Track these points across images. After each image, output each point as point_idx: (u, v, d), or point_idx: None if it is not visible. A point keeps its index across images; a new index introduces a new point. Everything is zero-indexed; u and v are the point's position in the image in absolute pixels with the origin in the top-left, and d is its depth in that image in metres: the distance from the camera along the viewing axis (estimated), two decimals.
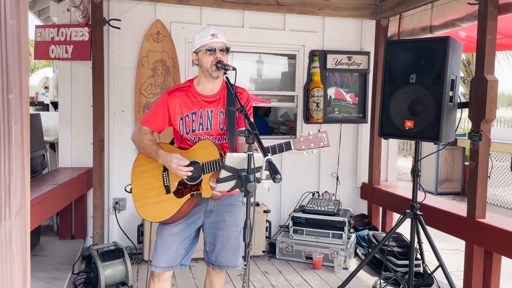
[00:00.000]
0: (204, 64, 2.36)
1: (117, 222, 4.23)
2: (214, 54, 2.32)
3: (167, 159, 2.28)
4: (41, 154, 4.03)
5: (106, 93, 4.18)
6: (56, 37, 4.09)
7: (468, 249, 3.42)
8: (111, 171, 4.28)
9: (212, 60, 2.33)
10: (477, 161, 3.31)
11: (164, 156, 2.30)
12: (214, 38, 2.33)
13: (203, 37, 2.35)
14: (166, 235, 2.43)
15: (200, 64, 2.39)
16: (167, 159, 2.28)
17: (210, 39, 2.32)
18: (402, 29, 4.42)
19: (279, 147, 2.17)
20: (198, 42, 2.36)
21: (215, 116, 2.42)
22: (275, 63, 5.12)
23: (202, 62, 2.36)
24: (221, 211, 2.47)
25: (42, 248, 3.93)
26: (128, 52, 4.26)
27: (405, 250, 3.89)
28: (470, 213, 3.38)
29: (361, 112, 4.91)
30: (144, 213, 2.41)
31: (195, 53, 2.40)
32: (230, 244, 2.48)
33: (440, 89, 3.15)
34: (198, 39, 2.37)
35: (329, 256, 4.11)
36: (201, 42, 2.35)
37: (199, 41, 2.36)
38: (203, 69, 2.37)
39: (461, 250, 4.88)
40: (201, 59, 2.37)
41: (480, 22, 3.31)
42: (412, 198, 3.43)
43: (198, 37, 2.38)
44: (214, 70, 2.34)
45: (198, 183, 2.30)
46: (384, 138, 3.61)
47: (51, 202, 3.10)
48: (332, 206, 4.27)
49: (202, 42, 2.34)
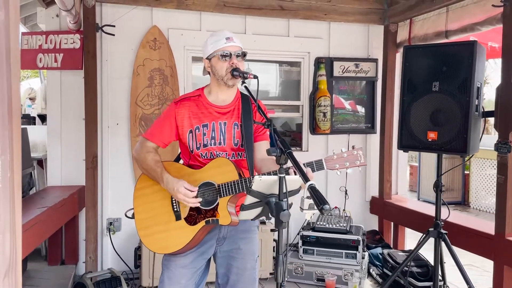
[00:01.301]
0: (218, 71, 2.08)
1: (112, 245, 3.89)
2: (229, 59, 2.05)
3: (173, 187, 1.98)
4: (28, 172, 3.67)
5: (99, 105, 3.86)
6: (45, 44, 3.77)
7: (497, 270, 3.15)
8: (104, 189, 3.94)
9: (227, 67, 2.05)
10: (506, 175, 3.07)
11: (170, 182, 2.00)
12: (229, 42, 2.06)
13: (217, 41, 2.07)
14: (175, 267, 2.12)
15: (213, 72, 2.11)
16: (174, 187, 1.98)
17: (225, 43, 2.05)
18: (413, 35, 4.19)
19: (310, 167, 1.88)
20: (211, 47, 2.08)
21: (228, 130, 2.13)
22: (279, 71, 4.85)
23: (216, 69, 2.08)
24: (235, 237, 2.17)
25: (30, 276, 3.56)
26: (122, 60, 3.95)
27: (425, 270, 3.62)
28: (498, 231, 3.13)
29: (370, 122, 4.66)
30: (150, 243, 2.09)
31: (208, 59, 2.12)
32: (246, 276, 2.18)
33: (467, 98, 2.92)
34: (211, 43, 2.09)
35: (342, 277, 3.81)
36: (214, 46, 2.07)
37: (212, 45, 2.08)
38: (217, 76, 2.09)
39: (475, 265, 4.68)
40: (215, 65, 2.09)
41: (506, 25, 3.09)
42: (436, 215, 3.17)
43: (211, 42, 2.09)
44: (230, 78, 2.06)
45: (213, 208, 2.00)
46: (404, 151, 3.37)
47: (40, 228, 2.77)
48: (344, 223, 3.99)
49: (216, 47, 2.06)
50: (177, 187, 1.96)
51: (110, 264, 3.91)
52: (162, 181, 2.03)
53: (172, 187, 1.98)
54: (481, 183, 7.93)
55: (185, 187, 1.96)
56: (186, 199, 1.96)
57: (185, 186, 1.96)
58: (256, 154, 2.13)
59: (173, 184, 1.98)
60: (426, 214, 3.84)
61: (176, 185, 1.97)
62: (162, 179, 2.03)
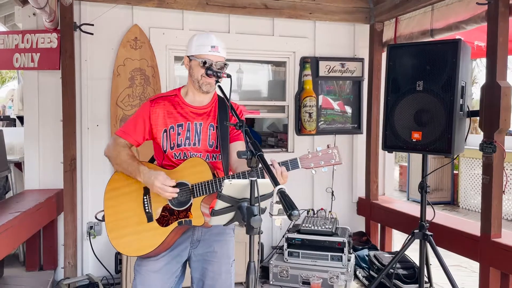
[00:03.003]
0: (194, 74, 2.03)
1: (92, 250, 3.78)
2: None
3: (150, 177, 1.91)
4: (4, 176, 3.56)
5: (78, 106, 3.76)
6: (21, 44, 3.66)
7: (483, 271, 3.11)
8: (84, 193, 3.84)
9: (203, 73, 1.99)
10: (491, 175, 3.02)
11: (147, 173, 1.93)
12: (214, 51, 2.00)
13: (202, 46, 2.01)
14: (146, 272, 2.05)
15: (190, 73, 2.06)
16: (151, 176, 1.91)
17: (209, 51, 1.99)
18: (399, 34, 4.15)
19: (284, 166, 1.82)
20: (195, 49, 2.02)
21: (204, 131, 2.07)
22: (264, 70, 4.78)
23: (193, 72, 2.04)
24: (209, 240, 2.11)
25: (6, 282, 3.45)
26: (102, 60, 3.85)
27: (411, 272, 3.57)
28: (484, 232, 3.08)
29: (356, 123, 4.61)
30: (120, 246, 2.01)
31: (188, 57, 2.05)
32: (222, 280, 2.11)
33: (451, 97, 2.88)
34: (195, 45, 2.04)
35: (328, 280, 3.75)
36: (198, 50, 2.01)
37: (196, 49, 2.02)
38: (193, 79, 2.04)
39: (462, 266, 4.64)
40: (193, 68, 2.04)
41: (490, 24, 3.04)
42: (421, 217, 3.12)
43: (196, 43, 2.04)
44: (205, 84, 2.01)
45: (186, 209, 1.93)
46: (389, 151, 3.31)
47: (12, 233, 2.66)
48: (330, 225, 3.92)
49: (199, 51, 2.01)
50: (156, 176, 1.91)
51: (90, 269, 3.81)
52: (139, 173, 1.96)
53: (148, 178, 1.93)
54: (470, 183, 7.92)
55: (163, 176, 1.91)
56: (164, 187, 1.89)
57: (162, 175, 1.92)
58: (231, 154, 2.07)
59: (151, 174, 1.93)
60: (413, 215, 3.79)
61: (155, 175, 1.91)
62: (139, 170, 1.97)
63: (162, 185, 1.90)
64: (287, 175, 1.79)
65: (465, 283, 4.10)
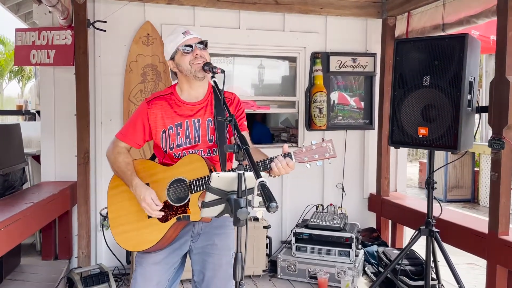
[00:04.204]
0: (184, 65, 2.06)
1: (104, 241, 3.89)
2: (192, 51, 2.04)
3: (140, 194, 1.99)
4: (21, 168, 3.70)
5: (92, 101, 3.87)
6: (38, 41, 3.78)
7: (490, 269, 3.06)
8: (98, 185, 3.95)
9: (191, 58, 2.03)
10: (499, 172, 2.97)
11: (138, 188, 2.01)
12: (186, 35, 2.06)
13: (175, 38, 2.07)
14: (147, 264, 2.11)
15: (180, 69, 2.09)
16: (141, 194, 1.99)
17: (183, 38, 2.05)
18: (411, 28, 4.09)
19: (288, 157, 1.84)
20: (171, 46, 2.08)
21: (202, 127, 2.10)
22: (274, 66, 4.80)
23: (181, 65, 2.07)
24: (210, 233, 2.15)
25: (22, 270, 3.60)
26: (115, 56, 3.95)
27: (419, 269, 3.55)
28: (492, 230, 3.04)
29: (368, 118, 4.58)
30: (123, 241, 2.08)
31: (172, 59, 2.10)
32: (222, 272, 2.15)
33: (458, 92, 2.83)
34: (169, 43, 2.10)
35: (335, 275, 3.76)
36: (174, 45, 2.07)
37: (172, 44, 2.08)
38: (185, 72, 2.07)
39: (477, 264, 4.56)
40: (179, 62, 2.07)
41: (499, 18, 2.98)
42: (427, 213, 3.10)
43: (169, 41, 2.10)
44: (198, 70, 2.03)
45: (185, 204, 1.98)
46: (395, 147, 3.28)
47: (24, 223, 2.78)
48: (338, 220, 3.93)
49: (176, 44, 2.06)
50: (144, 196, 1.97)
51: (103, 259, 3.93)
52: (131, 185, 2.03)
53: (139, 193, 1.99)
54: None
55: (152, 198, 1.98)
56: (149, 209, 1.97)
57: (152, 197, 1.98)
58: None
59: (141, 191, 1.99)
60: (423, 212, 3.75)
61: (143, 194, 1.98)
62: (131, 183, 2.03)
63: (147, 206, 1.97)
64: (293, 164, 1.83)
65: (479, 282, 4.04)
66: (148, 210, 1.98)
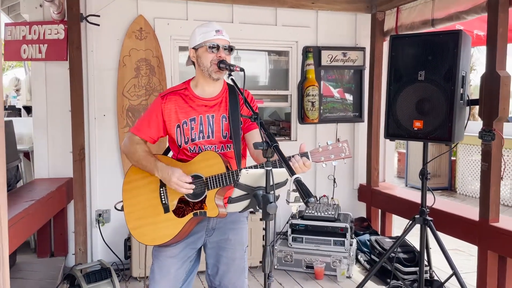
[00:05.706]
0: (204, 62, 2.07)
1: (101, 237, 3.89)
2: (217, 52, 2.05)
3: (167, 172, 1.98)
4: (15, 165, 3.64)
5: (85, 96, 3.82)
6: (28, 35, 3.71)
7: (481, 255, 3.23)
8: (93, 181, 3.92)
9: (213, 58, 2.05)
10: (489, 162, 3.12)
11: (163, 169, 2.00)
12: (218, 35, 2.06)
13: (206, 33, 2.06)
14: (164, 257, 2.14)
15: (198, 63, 2.11)
16: (168, 172, 1.98)
17: (214, 35, 2.05)
18: (400, 23, 4.20)
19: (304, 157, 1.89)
20: (200, 37, 2.07)
21: (217, 122, 2.13)
22: (267, 60, 4.84)
23: (202, 60, 2.08)
24: (224, 228, 2.19)
25: (20, 268, 3.56)
26: (108, 51, 3.91)
27: (411, 256, 3.70)
28: (482, 217, 3.19)
29: (357, 111, 4.69)
30: (139, 235, 2.10)
31: (194, 49, 2.11)
32: (235, 265, 2.20)
33: (452, 86, 2.95)
34: (199, 34, 2.08)
35: (331, 264, 3.87)
36: (203, 37, 2.06)
37: (201, 36, 2.07)
38: (202, 68, 2.09)
39: (460, 250, 4.77)
40: (201, 56, 2.08)
41: (490, 14, 3.11)
42: (422, 203, 3.22)
43: (200, 32, 2.08)
44: (215, 71, 2.06)
45: (201, 200, 2.01)
46: (391, 139, 3.39)
47: (28, 221, 2.75)
48: (332, 211, 4.03)
49: (205, 38, 2.06)
50: (172, 172, 1.97)
51: (100, 255, 3.92)
52: (157, 169, 2.02)
53: (166, 172, 1.98)
54: (467, 169, 8.04)
55: (180, 172, 1.97)
56: (181, 183, 1.95)
57: (179, 172, 1.97)
58: (250, 143, 2.11)
59: (167, 170, 1.98)
60: (413, 201, 3.89)
61: (171, 171, 1.97)
62: (156, 167, 2.03)
63: (178, 181, 1.95)
64: (309, 163, 1.87)
65: (464, 267, 4.22)
66: (179, 188, 1.96)
